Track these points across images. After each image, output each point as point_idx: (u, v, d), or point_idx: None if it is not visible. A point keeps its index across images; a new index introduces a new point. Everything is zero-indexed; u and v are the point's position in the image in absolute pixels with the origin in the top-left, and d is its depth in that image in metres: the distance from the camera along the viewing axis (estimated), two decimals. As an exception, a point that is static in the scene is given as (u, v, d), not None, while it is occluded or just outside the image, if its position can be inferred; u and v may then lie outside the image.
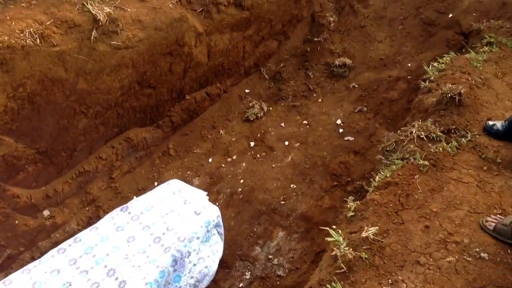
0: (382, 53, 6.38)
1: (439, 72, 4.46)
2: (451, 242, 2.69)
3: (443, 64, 4.57)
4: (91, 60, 4.15)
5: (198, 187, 4.86)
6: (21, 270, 3.66)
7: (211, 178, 5.32)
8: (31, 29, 3.68)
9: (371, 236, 2.71)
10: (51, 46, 3.81)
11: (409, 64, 6.03)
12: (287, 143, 5.66)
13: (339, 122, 5.80)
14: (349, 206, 3.13)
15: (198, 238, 4.01)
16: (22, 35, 3.62)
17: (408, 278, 2.50)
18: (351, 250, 2.65)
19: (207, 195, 4.49)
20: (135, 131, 5.21)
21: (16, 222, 4.20)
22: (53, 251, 3.83)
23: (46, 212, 4.46)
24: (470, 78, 4.12)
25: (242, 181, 5.25)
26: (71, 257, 3.74)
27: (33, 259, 4.22)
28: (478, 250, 2.64)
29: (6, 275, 3.77)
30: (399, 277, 2.51)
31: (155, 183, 5.16)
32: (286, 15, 6.46)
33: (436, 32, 6.09)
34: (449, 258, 2.60)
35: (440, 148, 3.40)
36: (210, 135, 5.81)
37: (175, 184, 4.50)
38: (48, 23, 3.82)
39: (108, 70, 4.34)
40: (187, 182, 4.81)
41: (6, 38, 3.51)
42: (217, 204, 4.85)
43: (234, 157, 5.55)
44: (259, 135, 5.79)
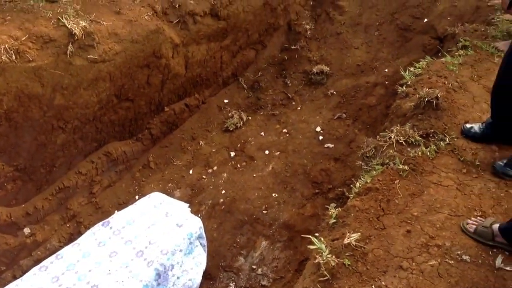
0: (359, 59, 6.41)
1: (416, 77, 4.49)
2: (432, 246, 2.70)
3: (420, 69, 4.60)
4: (68, 75, 4.12)
5: (179, 199, 4.84)
6: (2, 289, 3.60)
7: (192, 189, 5.30)
8: (6, 45, 3.65)
9: (353, 243, 2.71)
10: (27, 61, 3.79)
11: (386, 70, 6.06)
12: (267, 152, 5.66)
13: (318, 129, 5.81)
14: (330, 213, 3.13)
15: (181, 251, 3.98)
16: (-4, 51, 3.58)
17: (391, 283, 2.51)
18: (333, 257, 2.64)
19: (189, 207, 4.47)
20: (114, 145, 5.17)
21: (-4, 241, 4.13)
22: (34, 269, 3.77)
23: (27, 230, 4.40)
24: (446, 82, 4.15)
25: (223, 191, 5.23)
26: (53, 274, 3.69)
27: (14, 278, 4.15)
28: (459, 253, 2.66)
29: (-12, 294, 3.72)
30: (383, 282, 2.51)
31: (136, 197, 5.12)
32: (262, 24, 6.49)
33: (412, 37, 6.14)
34: (431, 262, 2.61)
35: (419, 152, 3.42)
36: (190, 146, 5.78)
37: (156, 197, 4.47)
38: (23, 38, 3.80)
39: (85, 84, 4.31)
40: (168, 194, 4.78)
41: (-20, 55, 3.48)
42: (199, 215, 4.82)
43: (215, 168, 5.53)
44: (239, 145, 5.78)
